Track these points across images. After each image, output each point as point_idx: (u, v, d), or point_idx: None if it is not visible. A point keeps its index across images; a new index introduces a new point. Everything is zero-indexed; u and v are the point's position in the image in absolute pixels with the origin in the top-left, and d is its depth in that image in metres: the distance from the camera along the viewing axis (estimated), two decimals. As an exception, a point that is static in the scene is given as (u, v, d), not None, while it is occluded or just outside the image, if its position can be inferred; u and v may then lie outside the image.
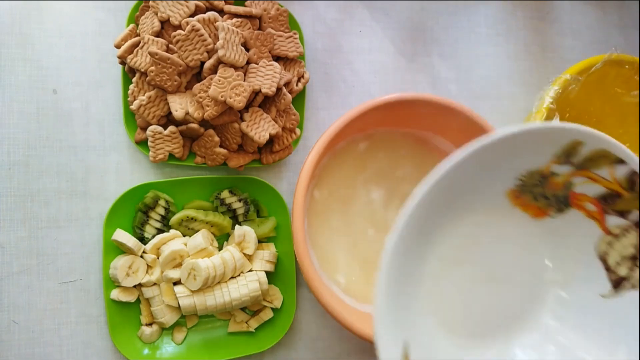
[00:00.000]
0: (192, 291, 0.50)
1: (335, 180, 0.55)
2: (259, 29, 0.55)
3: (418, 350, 0.37)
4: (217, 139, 0.52)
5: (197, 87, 0.50)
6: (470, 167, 0.35)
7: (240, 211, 0.54)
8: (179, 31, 0.50)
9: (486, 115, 0.63)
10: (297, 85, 0.55)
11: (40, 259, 0.52)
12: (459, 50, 0.64)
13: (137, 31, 0.53)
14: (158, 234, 0.53)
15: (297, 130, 0.55)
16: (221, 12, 0.53)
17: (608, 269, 0.41)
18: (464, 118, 0.52)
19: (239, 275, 0.52)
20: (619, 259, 0.41)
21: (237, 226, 0.53)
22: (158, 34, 0.51)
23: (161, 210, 0.52)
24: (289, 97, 0.53)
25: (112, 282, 0.51)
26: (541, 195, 0.42)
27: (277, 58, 0.55)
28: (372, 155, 0.57)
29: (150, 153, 0.52)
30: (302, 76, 0.56)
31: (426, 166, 0.57)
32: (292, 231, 0.46)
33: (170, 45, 0.51)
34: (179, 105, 0.50)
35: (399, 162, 0.57)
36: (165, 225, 0.53)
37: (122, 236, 0.51)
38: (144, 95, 0.51)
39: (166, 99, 0.51)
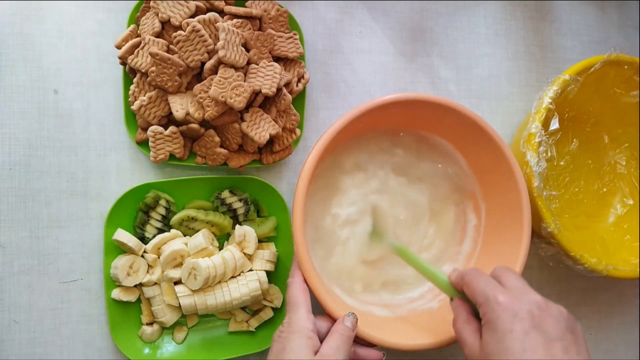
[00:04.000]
0: (193, 291, 0.51)
1: (335, 180, 0.55)
2: (259, 29, 0.55)
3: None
4: (217, 139, 0.52)
5: (197, 87, 0.50)
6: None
7: (241, 211, 0.54)
8: (179, 32, 0.50)
9: (485, 116, 0.64)
10: (297, 85, 0.55)
11: (41, 259, 0.52)
12: (458, 50, 0.65)
13: (138, 32, 0.53)
14: (159, 233, 0.53)
15: (297, 131, 0.55)
16: (221, 12, 0.53)
17: None
18: (463, 118, 0.52)
19: (240, 274, 0.53)
20: None
21: (237, 226, 0.53)
22: (159, 35, 0.52)
23: (162, 210, 0.53)
24: (289, 97, 0.54)
25: (112, 282, 0.52)
26: None
27: (277, 59, 0.55)
28: (372, 155, 0.57)
29: (151, 153, 0.52)
30: (302, 77, 0.56)
31: (426, 166, 0.58)
32: (292, 231, 0.46)
33: (170, 46, 0.51)
34: (179, 106, 0.51)
35: (399, 162, 0.57)
36: (166, 225, 0.53)
37: (123, 236, 0.51)
38: (144, 95, 0.51)
39: (167, 100, 0.51)
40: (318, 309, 0.47)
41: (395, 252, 0.53)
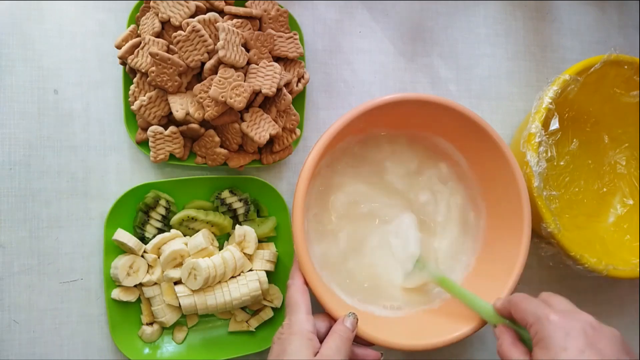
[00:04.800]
0: (193, 291, 0.51)
1: (336, 180, 0.55)
2: (259, 29, 0.55)
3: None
4: (217, 139, 0.52)
5: (197, 87, 0.50)
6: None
7: (241, 211, 0.54)
8: (179, 32, 0.50)
9: (485, 116, 0.64)
10: (297, 85, 0.55)
11: (41, 259, 0.52)
12: (458, 50, 0.65)
13: (138, 32, 0.53)
14: (159, 233, 0.53)
15: (297, 131, 0.55)
16: (221, 12, 0.53)
17: None
18: (463, 118, 0.52)
19: (240, 274, 0.53)
20: None
21: (237, 226, 0.53)
22: (159, 35, 0.52)
23: (162, 210, 0.53)
24: (289, 97, 0.54)
25: (112, 282, 0.52)
26: None
27: (277, 59, 0.55)
28: (372, 155, 0.57)
29: (151, 153, 0.52)
30: (302, 77, 0.56)
31: (427, 166, 0.58)
32: (292, 231, 0.46)
33: (170, 46, 0.51)
34: (179, 106, 0.51)
35: (399, 162, 0.57)
36: (165, 225, 0.53)
37: (123, 236, 0.51)
38: (144, 95, 0.51)
39: (167, 100, 0.51)
40: (318, 308, 0.47)
41: (437, 282, 0.53)
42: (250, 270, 0.53)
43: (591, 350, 0.36)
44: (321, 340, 0.44)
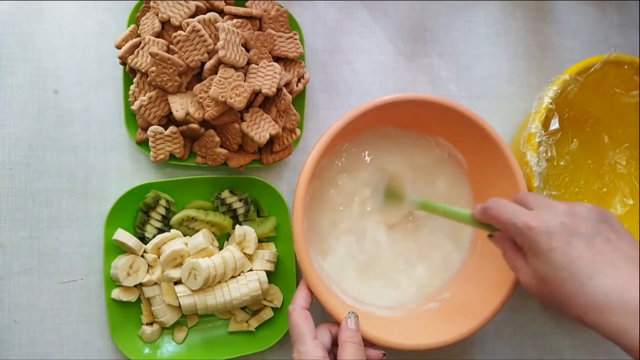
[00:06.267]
0: (193, 291, 0.51)
1: (336, 180, 0.55)
2: (259, 29, 0.55)
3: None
4: (217, 139, 0.52)
5: (197, 87, 0.50)
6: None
7: (241, 211, 0.54)
8: (179, 32, 0.50)
9: (485, 116, 0.63)
10: (297, 85, 0.55)
11: (41, 259, 0.52)
12: (458, 50, 0.65)
13: (138, 32, 0.53)
14: (159, 233, 0.53)
15: (297, 131, 0.55)
16: (221, 12, 0.53)
17: None
18: (463, 118, 0.52)
19: (240, 274, 0.53)
20: None
21: (237, 226, 0.53)
22: (159, 35, 0.52)
23: (162, 210, 0.53)
24: (289, 97, 0.54)
25: (112, 282, 0.52)
26: None
27: (277, 58, 0.55)
28: (372, 154, 0.57)
29: (151, 153, 0.52)
30: (302, 77, 0.56)
31: (426, 166, 0.58)
32: (292, 231, 0.46)
33: (170, 46, 0.51)
34: (179, 106, 0.51)
35: (399, 162, 0.57)
36: (166, 225, 0.53)
37: (123, 236, 0.51)
38: (144, 95, 0.51)
39: (167, 100, 0.51)
40: (319, 308, 0.47)
41: (418, 207, 0.54)
42: (250, 270, 0.53)
43: (574, 238, 0.38)
44: (328, 349, 0.43)
